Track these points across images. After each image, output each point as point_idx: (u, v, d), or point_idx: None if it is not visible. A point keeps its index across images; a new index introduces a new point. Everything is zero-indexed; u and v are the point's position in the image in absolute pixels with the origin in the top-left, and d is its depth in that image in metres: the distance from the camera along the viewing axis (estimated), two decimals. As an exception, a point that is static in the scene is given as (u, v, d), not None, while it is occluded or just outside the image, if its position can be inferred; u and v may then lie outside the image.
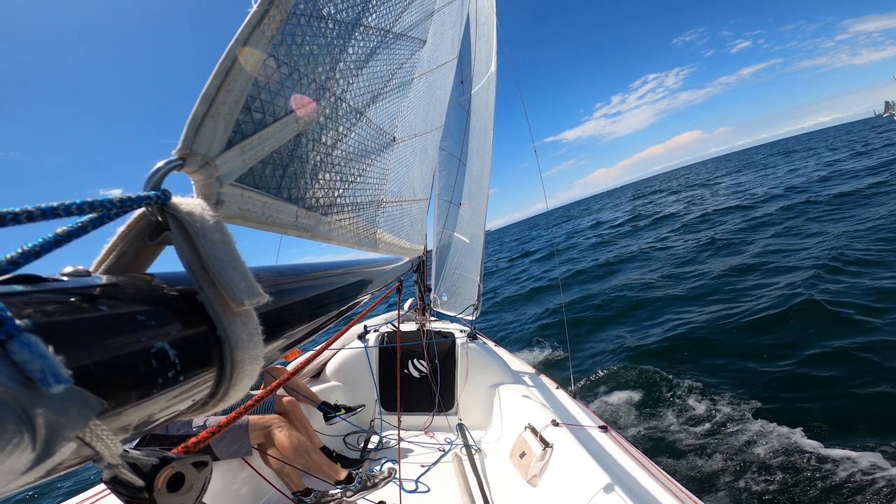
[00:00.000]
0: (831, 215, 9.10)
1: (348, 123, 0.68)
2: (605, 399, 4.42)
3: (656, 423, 3.80)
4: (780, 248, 7.65)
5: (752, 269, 6.96)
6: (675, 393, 4.12)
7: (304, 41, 0.50)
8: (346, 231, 0.69)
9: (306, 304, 0.52)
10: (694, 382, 4.19)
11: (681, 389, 4.14)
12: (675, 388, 4.19)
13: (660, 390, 4.26)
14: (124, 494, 0.31)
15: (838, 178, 13.64)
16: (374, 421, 3.03)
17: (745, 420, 3.47)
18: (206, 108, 0.36)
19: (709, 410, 3.74)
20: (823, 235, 7.65)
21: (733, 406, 3.69)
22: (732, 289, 6.36)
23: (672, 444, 3.47)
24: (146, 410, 0.25)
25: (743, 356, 4.45)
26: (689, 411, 3.82)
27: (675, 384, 4.26)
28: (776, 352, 4.31)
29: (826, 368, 3.79)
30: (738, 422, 3.48)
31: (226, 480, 2.06)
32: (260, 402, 0.61)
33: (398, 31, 0.89)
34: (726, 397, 3.83)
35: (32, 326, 0.19)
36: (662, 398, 4.12)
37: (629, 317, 6.72)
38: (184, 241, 0.31)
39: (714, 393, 3.95)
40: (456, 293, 4.19)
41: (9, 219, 0.22)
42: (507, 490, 2.05)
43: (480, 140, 4.04)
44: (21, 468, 0.17)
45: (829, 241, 7.12)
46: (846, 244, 6.64)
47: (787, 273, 6.24)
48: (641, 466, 1.70)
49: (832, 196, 10.69)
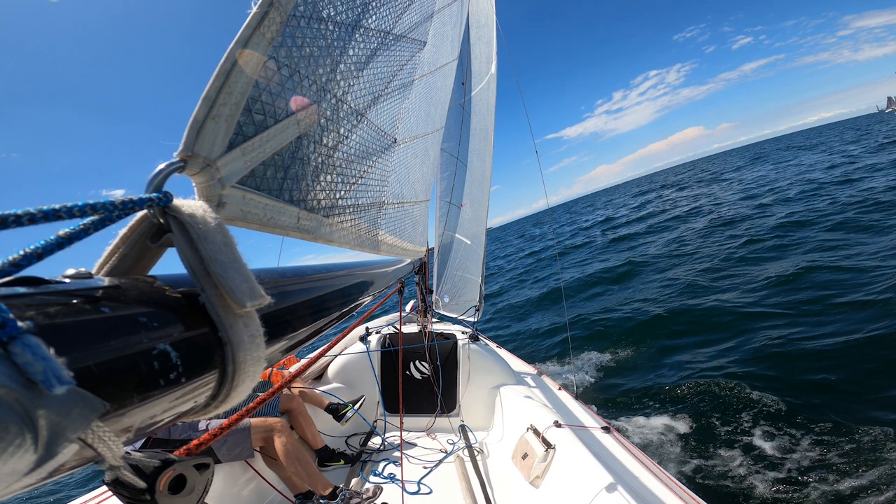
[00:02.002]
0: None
1: (349, 125, 0.68)
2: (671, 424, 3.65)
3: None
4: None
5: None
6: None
7: (304, 43, 0.51)
8: (347, 233, 0.69)
9: (308, 306, 0.52)
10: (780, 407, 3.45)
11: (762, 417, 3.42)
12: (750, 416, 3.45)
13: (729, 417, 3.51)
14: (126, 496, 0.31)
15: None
16: (376, 422, 3.03)
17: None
18: (207, 110, 0.36)
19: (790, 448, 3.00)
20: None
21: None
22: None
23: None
24: (148, 412, 0.25)
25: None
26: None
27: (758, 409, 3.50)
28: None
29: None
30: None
31: (228, 482, 2.06)
32: (262, 403, 0.61)
33: (398, 32, 0.89)
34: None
35: (34, 328, 0.19)
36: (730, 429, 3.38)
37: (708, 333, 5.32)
38: (185, 243, 0.31)
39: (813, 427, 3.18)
40: (457, 295, 4.18)
41: (11, 221, 0.22)
42: (510, 491, 2.04)
43: (481, 141, 4.05)
44: (23, 469, 0.17)
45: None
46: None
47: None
48: (645, 467, 1.70)
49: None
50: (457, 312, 4.01)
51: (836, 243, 6.96)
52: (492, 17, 3.87)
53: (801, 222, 8.92)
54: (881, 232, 6.95)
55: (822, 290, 5.32)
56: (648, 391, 4.37)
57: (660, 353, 5.18)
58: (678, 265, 8.83)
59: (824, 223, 8.37)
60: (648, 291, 7.65)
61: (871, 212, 8.21)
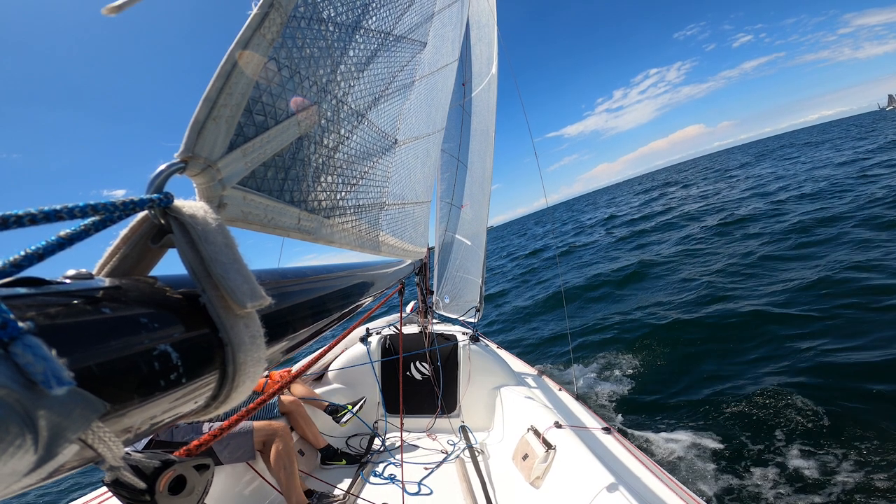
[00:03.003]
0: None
1: (350, 126, 0.68)
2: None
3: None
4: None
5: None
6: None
7: (304, 44, 0.51)
8: (348, 234, 0.69)
9: (308, 307, 0.52)
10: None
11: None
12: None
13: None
14: (126, 497, 0.31)
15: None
16: (377, 423, 3.03)
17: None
18: (207, 111, 0.36)
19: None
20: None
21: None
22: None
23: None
24: (148, 412, 0.25)
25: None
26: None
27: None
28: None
29: None
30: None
31: (228, 483, 2.06)
32: (262, 404, 0.60)
33: (399, 33, 0.90)
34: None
35: (35, 329, 0.19)
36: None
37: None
38: (186, 243, 0.31)
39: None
40: (458, 295, 4.18)
41: (12, 222, 0.22)
42: (510, 492, 2.04)
43: (482, 142, 4.05)
44: (23, 470, 0.17)
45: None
46: None
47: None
48: (645, 468, 1.69)
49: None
50: (457, 313, 4.01)
51: (870, 243, 6.32)
52: (492, 19, 3.87)
53: (828, 219, 8.18)
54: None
55: (858, 294, 4.80)
56: (672, 403, 4.01)
57: (682, 361, 4.73)
58: (693, 265, 8.26)
59: (849, 220, 7.74)
60: (664, 294, 7.09)
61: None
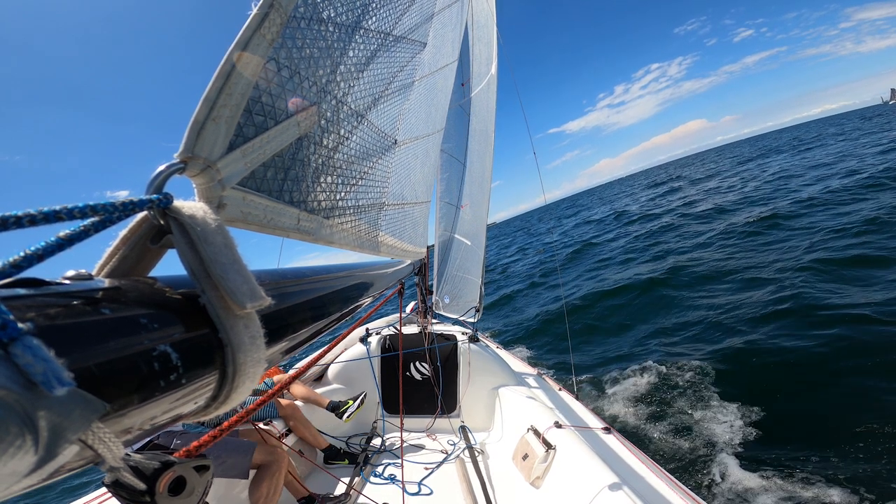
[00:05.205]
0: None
1: (350, 126, 0.68)
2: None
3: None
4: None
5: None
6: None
7: (304, 44, 0.51)
8: (348, 234, 0.69)
9: (308, 307, 0.52)
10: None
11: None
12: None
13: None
14: (126, 498, 0.31)
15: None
16: (377, 423, 3.03)
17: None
18: (207, 111, 0.36)
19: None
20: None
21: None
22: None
23: None
24: (148, 413, 0.25)
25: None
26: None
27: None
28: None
29: None
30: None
31: (229, 484, 2.06)
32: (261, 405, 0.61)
33: (398, 33, 0.90)
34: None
35: (35, 329, 0.19)
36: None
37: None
38: (186, 244, 0.31)
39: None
40: (457, 296, 4.18)
41: (11, 222, 0.22)
42: (510, 492, 2.04)
43: (481, 142, 4.05)
44: (23, 470, 0.17)
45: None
46: None
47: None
48: (646, 468, 1.69)
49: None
50: (457, 313, 4.01)
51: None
52: (491, 19, 3.87)
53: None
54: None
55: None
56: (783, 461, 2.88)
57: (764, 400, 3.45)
58: (744, 269, 6.56)
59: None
60: (719, 306, 5.52)
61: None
